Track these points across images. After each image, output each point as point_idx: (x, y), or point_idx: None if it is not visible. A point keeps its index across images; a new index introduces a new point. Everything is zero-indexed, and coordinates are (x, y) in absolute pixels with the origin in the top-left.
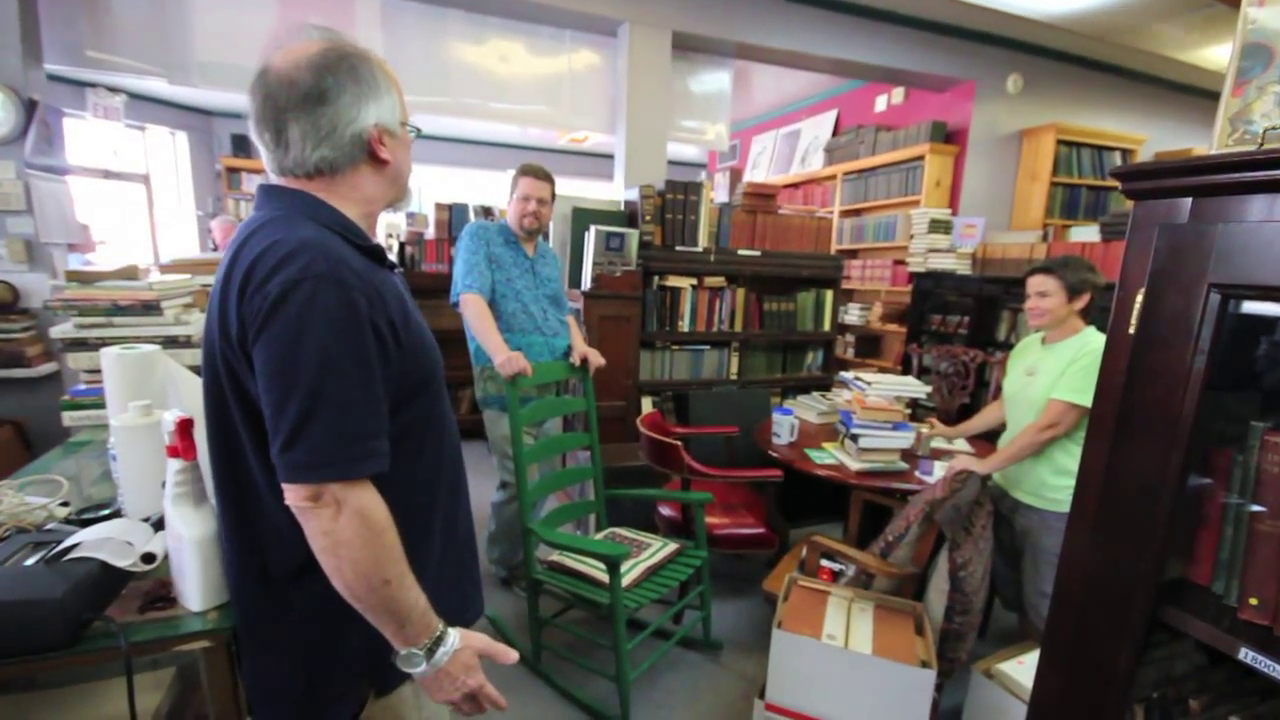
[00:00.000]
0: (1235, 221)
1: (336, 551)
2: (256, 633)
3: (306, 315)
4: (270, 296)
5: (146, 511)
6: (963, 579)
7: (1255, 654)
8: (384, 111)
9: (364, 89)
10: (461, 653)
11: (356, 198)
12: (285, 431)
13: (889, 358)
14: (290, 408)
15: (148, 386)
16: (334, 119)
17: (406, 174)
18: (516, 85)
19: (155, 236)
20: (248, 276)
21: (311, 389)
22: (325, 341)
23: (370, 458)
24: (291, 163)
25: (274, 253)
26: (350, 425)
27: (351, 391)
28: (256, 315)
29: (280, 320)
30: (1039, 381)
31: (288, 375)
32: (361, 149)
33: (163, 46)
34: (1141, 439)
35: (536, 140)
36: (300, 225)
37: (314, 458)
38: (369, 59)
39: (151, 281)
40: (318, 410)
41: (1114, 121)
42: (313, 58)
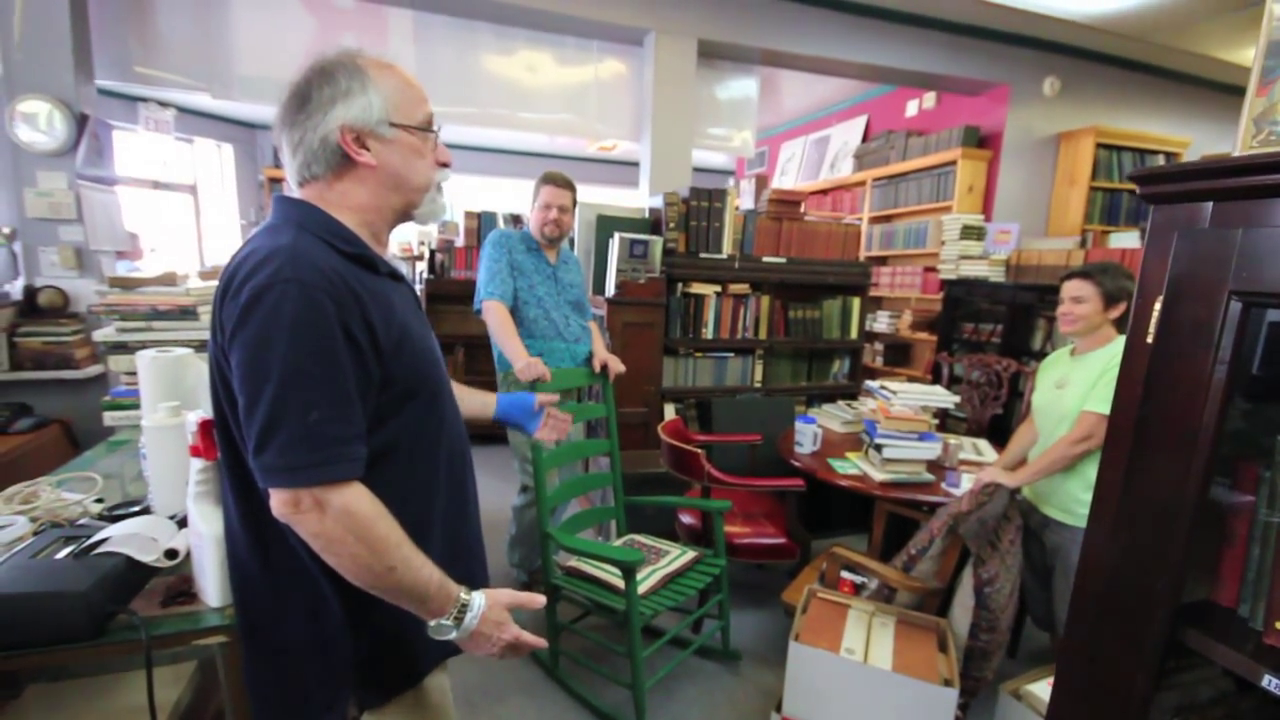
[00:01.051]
0: (1259, 226)
1: (333, 550)
2: (255, 630)
3: (272, 320)
4: (241, 302)
5: (173, 509)
6: (988, 595)
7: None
8: (353, 111)
9: (332, 91)
10: (490, 612)
11: (351, 205)
12: (254, 435)
13: (919, 366)
14: (257, 412)
15: (180, 388)
16: (304, 124)
17: (413, 179)
18: (544, 95)
19: (202, 244)
20: (227, 285)
21: (276, 393)
22: (290, 345)
23: (341, 462)
24: (290, 172)
25: (249, 260)
26: (319, 429)
27: (318, 395)
28: (230, 320)
29: (249, 325)
30: (1070, 394)
31: (255, 380)
32: (334, 153)
33: (207, 62)
34: (1160, 452)
35: (565, 149)
36: (283, 233)
37: (284, 461)
38: (350, 63)
39: (188, 287)
40: (283, 415)
41: (1157, 124)
42: (303, 69)
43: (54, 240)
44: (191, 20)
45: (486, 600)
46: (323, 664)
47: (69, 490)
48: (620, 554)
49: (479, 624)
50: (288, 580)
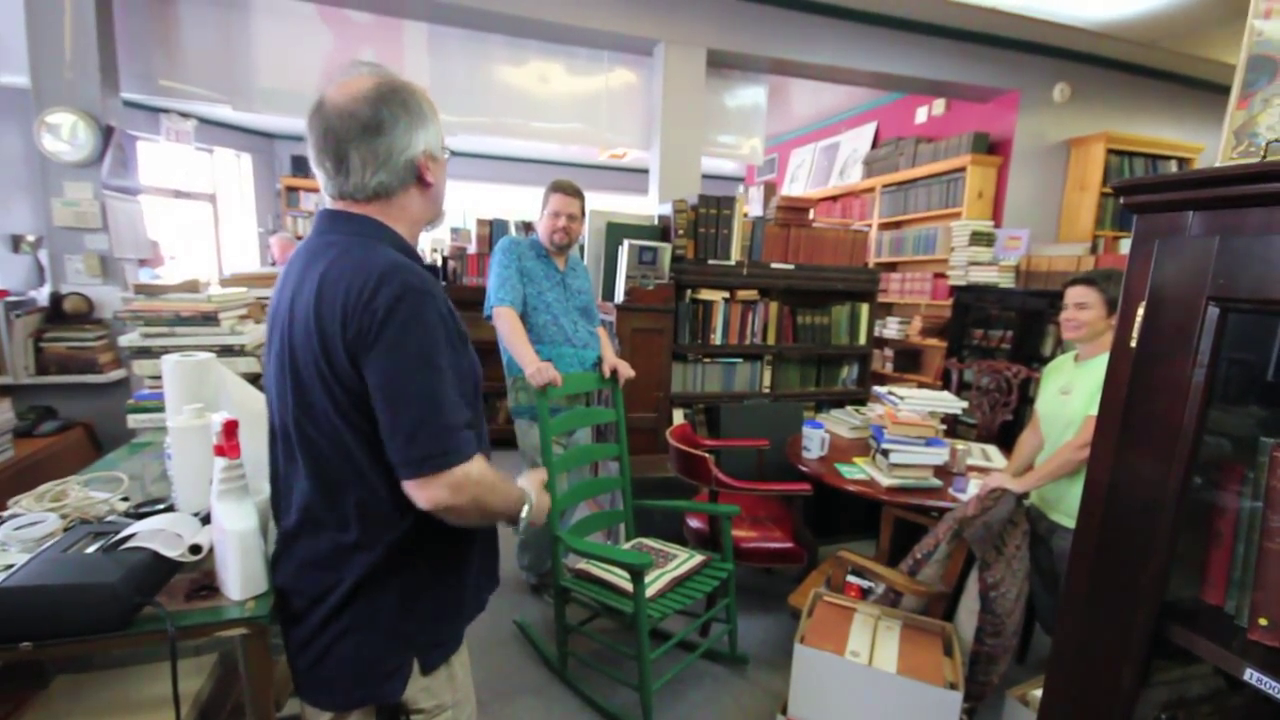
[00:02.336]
0: (1235, 235)
1: (476, 510)
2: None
3: (410, 326)
4: (377, 314)
5: (197, 506)
6: (994, 600)
7: (1261, 675)
8: (431, 138)
9: (414, 119)
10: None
11: (406, 218)
12: (406, 430)
13: (929, 372)
14: (410, 409)
15: (202, 391)
16: (390, 147)
17: (444, 195)
18: (556, 104)
19: (220, 252)
20: (346, 300)
21: (424, 392)
22: (430, 348)
23: (471, 442)
24: (352, 188)
25: (368, 273)
26: (456, 417)
27: (451, 390)
28: (367, 333)
29: (388, 334)
30: (1074, 399)
31: (403, 380)
32: (412, 173)
33: (228, 75)
34: (1144, 453)
35: (576, 156)
36: (376, 248)
37: (438, 447)
38: (416, 92)
39: (210, 294)
40: (430, 410)
41: (1169, 130)
42: (368, 92)
43: (79, 248)
44: (215, 35)
45: (529, 481)
46: (391, 632)
47: (96, 489)
48: (628, 557)
49: (537, 498)
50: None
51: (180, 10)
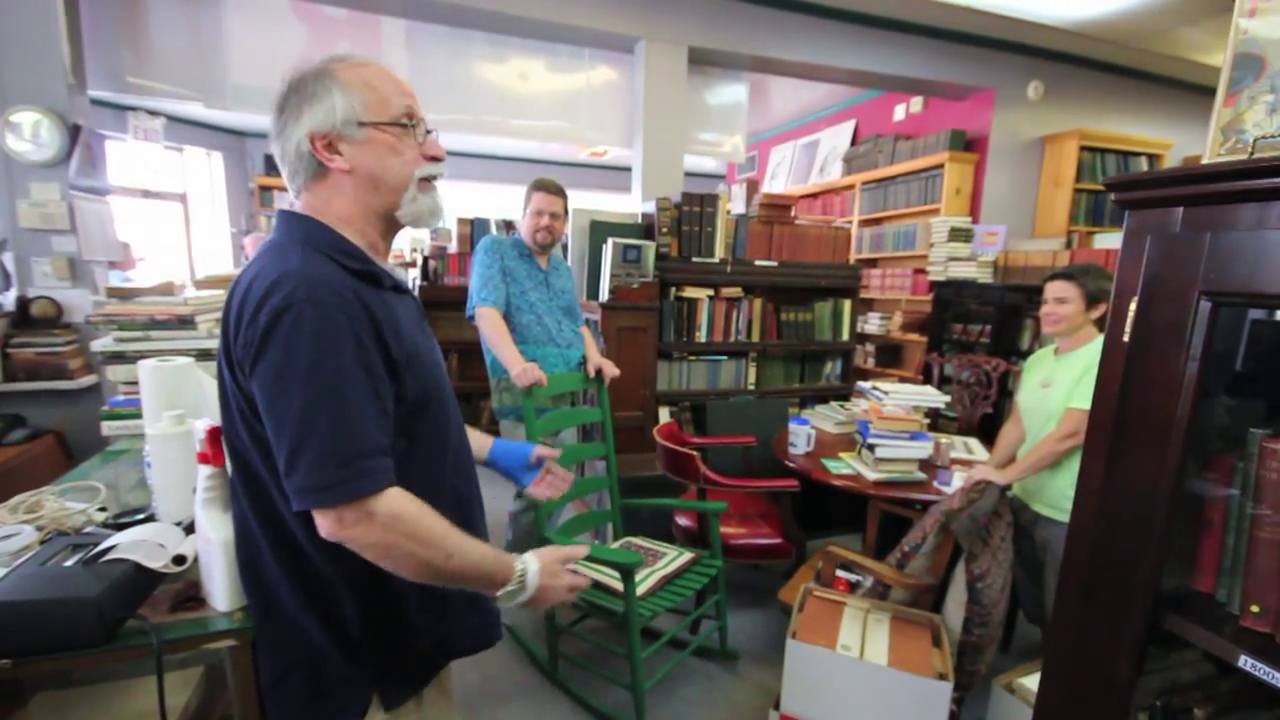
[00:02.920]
0: (1225, 230)
1: (391, 555)
2: (273, 635)
3: (292, 342)
4: (260, 326)
5: (179, 516)
6: (980, 590)
7: (1255, 661)
8: (318, 117)
9: (299, 99)
10: (544, 569)
11: (336, 211)
12: (284, 458)
13: (910, 367)
14: (285, 434)
15: (181, 397)
16: (282, 135)
17: (389, 178)
18: (536, 102)
19: (191, 253)
20: (241, 309)
21: (303, 415)
22: (311, 365)
23: (371, 475)
24: (287, 185)
25: (260, 283)
26: (349, 446)
27: (342, 413)
28: (250, 346)
29: (270, 348)
30: (1055, 392)
31: (280, 403)
32: (309, 161)
33: (199, 72)
34: (1137, 446)
35: (557, 155)
36: (291, 252)
37: (315, 481)
38: (321, 69)
39: (186, 297)
40: (310, 435)
41: (1140, 127)
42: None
43: (47, 251)
44: (185, 30)
45: (538, 561)
46: (344, 665)
47: (72, 500)
48: (619, 556)
49: (540, 580)
50: (305, 584)
51: (149, 5)
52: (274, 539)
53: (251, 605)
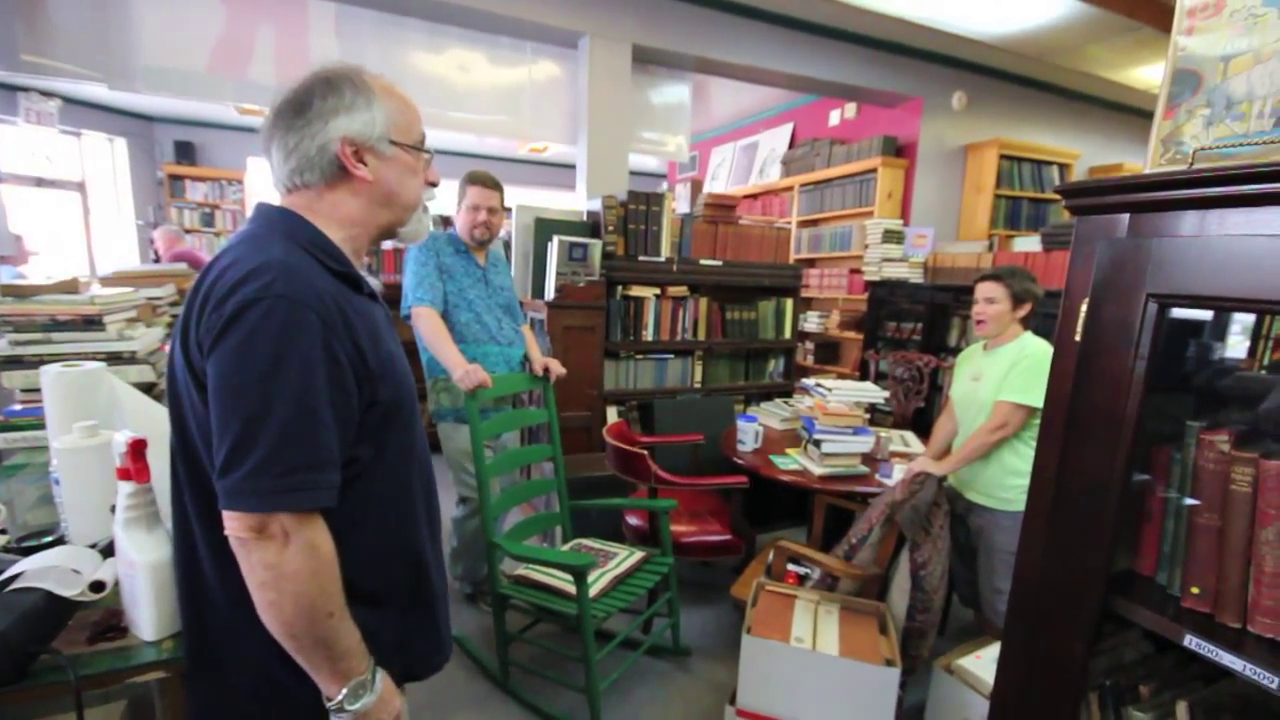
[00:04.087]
0: (1169, 236)
1: (279, 585)
2: (212, 664)
3: (259, 335)
4: (225, 314)
5: (93, 537)
6: (924, 578)
7: (1198, 640)
8: (356, 125)
9: (336, 102)
10: (384, 694)
11: (338, 218)
12: (223, 453)
13: (847, 364)
14: (230, 430)
15: (92, 406)
16: (302, 130)
17: (405, 197)
18: (477, 95)
19: (91, 247)
20: (208, 294)
21: (252, 412)
22: (272, 364)
23: (313, 489)
24: (275, 178)
25: (235, 270)
26: (298, 453)
27: (296, 418)
28: (210, 332)
29: (232, 338)
30: (985, 386)
31: (234, 394)
32: (331, 163)
33: (104, 50)
34: (1089, 440)
35: (496, 150)
36: (272, 244)
37: (254, 484)
38: (355, 76)
39: (93, 295)
40: (257, 435)
41: (1051, 137)
42: (305, 76)
43: None
44: (88, 5)
45: (383, 684)
46: (298, 689)
47: None
48: (570, 558)
49: (375, 703)
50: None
51: None
52: (221, 551)
53: (190, 630)
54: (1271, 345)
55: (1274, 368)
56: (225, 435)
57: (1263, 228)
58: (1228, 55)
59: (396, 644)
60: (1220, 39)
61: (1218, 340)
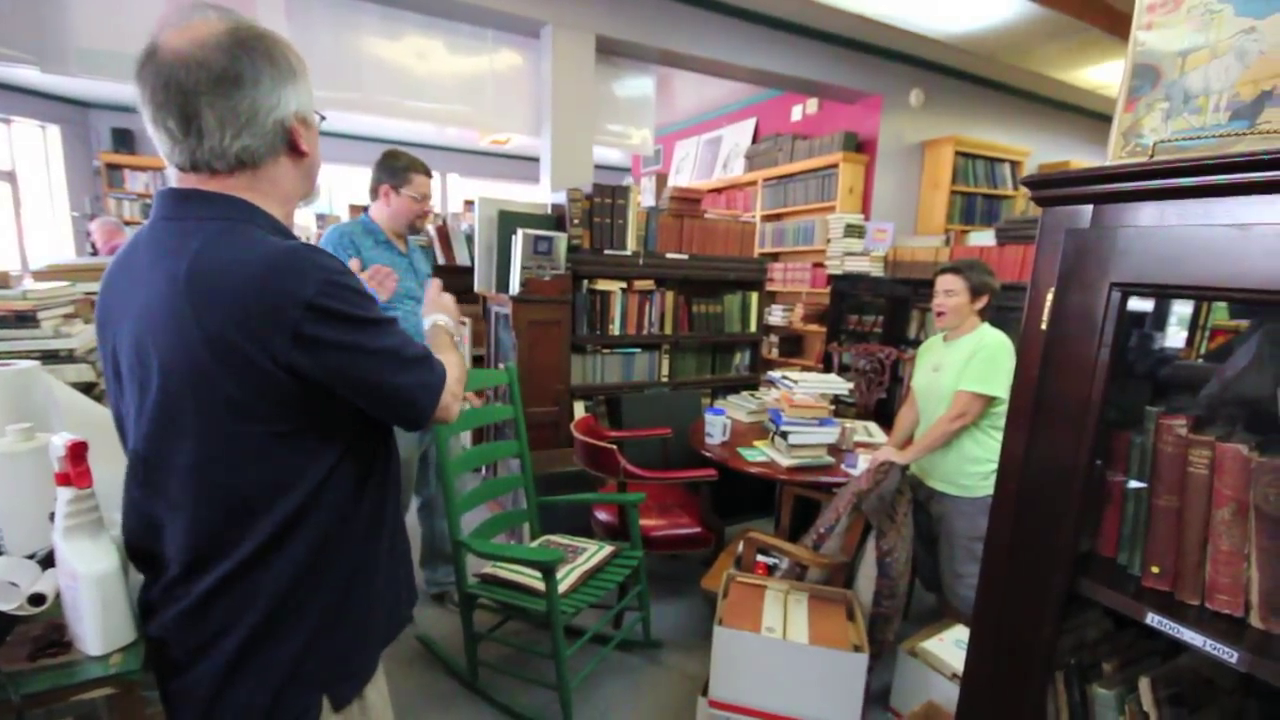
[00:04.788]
0: (1131, 226)
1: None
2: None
3: (353, 309)
4: (315, 308)
5: (31, 547)
6: (889, 564)
7: (1160, 618)
8: (303, 99)
9: (281, 73)
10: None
11: (277, 194)
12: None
13: (811, 356)
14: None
15: (26, 407)
16: (254, 104)
17: (318, 165)
18: (435, 84)
19: (22, 239)
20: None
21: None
22: (379, 322)
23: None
24: (208, 154)
25: (269, 263)
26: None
27: (408, 342)
28: (310, 330)
29: (328, 325)
30: (945, 376)
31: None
32: (282, 139)
33: (35, 31)
34: (1055, 426)
35: (456, 141)
36: (253, 233)
37: (430, 386)
38: (280, 42)
39: (25, 290)
40: (411, 371)
41: (1004, 135)
42: (220, 37)
43: None
44: None
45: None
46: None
47: None
48: (538, 555)
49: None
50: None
51: None
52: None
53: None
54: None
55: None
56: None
57: (1220, 218)
58: (1185, 50)
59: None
60: (1178, 34)
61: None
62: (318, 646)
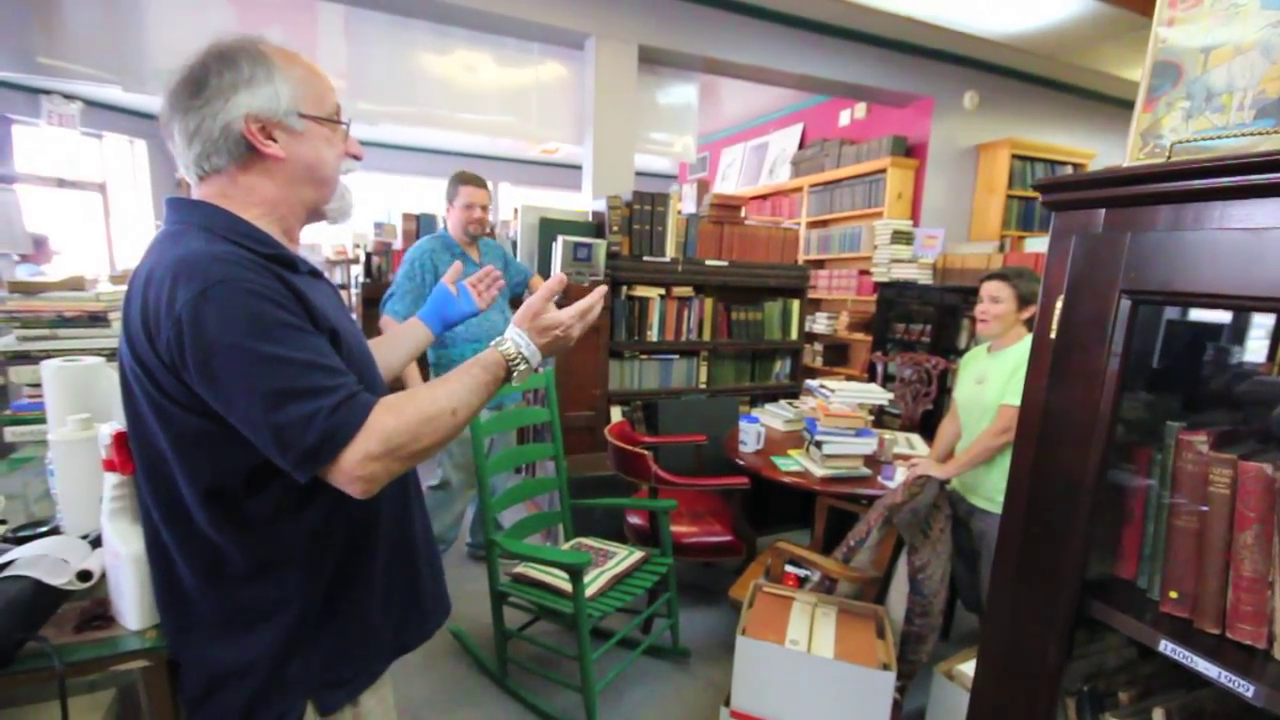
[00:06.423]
0: (1144, 231)
1: (414, 460)
2: (192, 649)
3: (220, 329)
4: (181, 321)
5: (85, 528)
6: (921, 581)
7: (1174, 646)
8: (259, 100)
9: (234, 77)
10: (533, 334)
11: (257, 201)
12: (271, 443)
13: (856, 366)
14: (258, 420)
15: (91, 400)
16: (202, 111)
17: (323, 172)
18: (484, 96)
19: (112, 246)
20: (148, 306)
21: (267, 397)
22: (252, 343)
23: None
24: (184, 164)
25: (161, 273)
26: (316, 399)
27: (299, 372)
28: (177, 344)
29: (202, 343)
30: (989, 388)
31: (240, 395)
32: (238, 144)
33: (118, 53)
34: (1063, 439)
35: (507, 151)
36: (190, 239)
37: (307, 445)
38: (252, 48)
39: (98, 292)
40: (283, 408)
41: (1065, 137)
42: (198, 52)
43: None
44: (101, 8)
45: (522, 330)
46: (276, 674)
47: None
48: (566, 557)
49: (536, 344)
50: (229, 596)
51: None
52: (190, 550)
53: (167, 621)
54: None
55: None
56: (259, 427)
57: (1240, 221)
58: (1208, 47)
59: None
60: (1201, 30)
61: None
62: (289, 655)
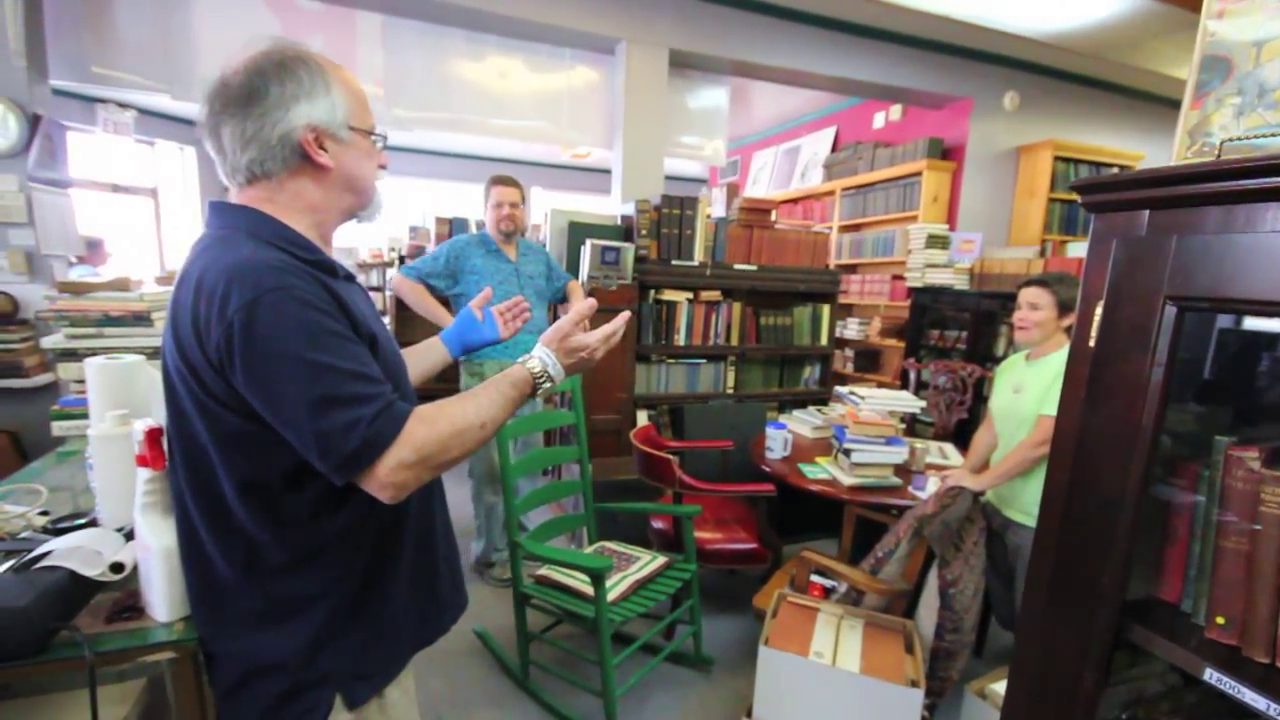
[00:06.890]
0: (1191, 234)
1: (441, 469)
2: (227, 642)
3: (273, 334)
4: (234, 325)
5: (121, 521)
6: (953, 596)
7: (1220, 675)
8: (318, 112)
9: (295, 88)
10: (560, 355)
11: (301, 207)
12: (315, 448)
13: (888, 372)
14: (304, 427)
15: (131, 397)
16: (260, 118)
17: (364, 181)
18: (516, 101)
19: (163, 250)
20: (199, 309)
21: (312, 402)
22: (301, 350)
23: (389, 419)
24: (229, 168)
25: (214, 277)
26: (359, 407)
27: (343, 380)
28: (226, 347)
29: (253, 349)
30: (1027, 398)
31: (286, 399)
32: (294, 152)
33: (167, 62)
34: (1102, 453)
35: (539, 156)
36: (239, 245)
37: (347, 449)
38: (308, 59)
39: (142, 293)
40: (326, 414)
41: (1112, 138)
42: (250, 60)
43: (3, 244)
44: (151, 20)
45: (550, 350)
46: (307, 667)
47: (13, 503)
48: (588, 560)
49: (563, 364)
50: (265, 590)
51: None
52: (228, 545)
53: (200, 614)
54: None
55: None
56: (304, 435)
57: None
58: (1261, 40)
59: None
60: (1253, 23)
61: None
62: (320, 648)
